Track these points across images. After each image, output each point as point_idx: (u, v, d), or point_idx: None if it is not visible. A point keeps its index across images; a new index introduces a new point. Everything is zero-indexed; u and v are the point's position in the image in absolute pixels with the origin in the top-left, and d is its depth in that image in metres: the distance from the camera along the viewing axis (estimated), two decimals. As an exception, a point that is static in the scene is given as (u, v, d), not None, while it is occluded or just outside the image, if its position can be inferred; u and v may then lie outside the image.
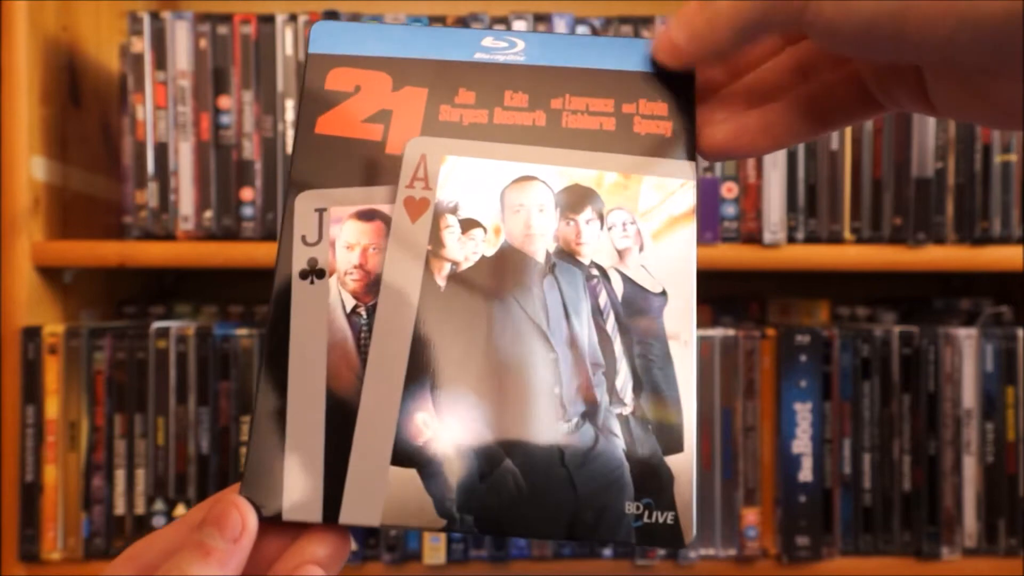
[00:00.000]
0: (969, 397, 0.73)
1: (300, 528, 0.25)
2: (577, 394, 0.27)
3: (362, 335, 0.27)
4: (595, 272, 0.29)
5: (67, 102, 0.78)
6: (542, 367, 0.27)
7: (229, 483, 0.71)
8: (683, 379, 0.27)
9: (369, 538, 0.71)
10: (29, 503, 0.70)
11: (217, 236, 0.75)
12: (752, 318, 0.92)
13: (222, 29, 0.74)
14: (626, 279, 0.29)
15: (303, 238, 0.28)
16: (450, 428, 0.26)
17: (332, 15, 0.74)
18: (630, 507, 0.26)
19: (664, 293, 0.29)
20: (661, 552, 0.71)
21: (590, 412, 0.27)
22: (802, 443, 0.72)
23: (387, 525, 0.25)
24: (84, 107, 0.82)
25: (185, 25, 0.74)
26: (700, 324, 0.84)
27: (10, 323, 0.70)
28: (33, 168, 0.72)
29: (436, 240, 0.28)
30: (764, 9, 0.24)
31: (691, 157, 0.29)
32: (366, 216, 0.28)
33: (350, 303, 0.27)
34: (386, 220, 0.28)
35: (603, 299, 0.28)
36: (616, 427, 0.27)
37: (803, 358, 0.72)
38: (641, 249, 0.29)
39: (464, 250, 0.28)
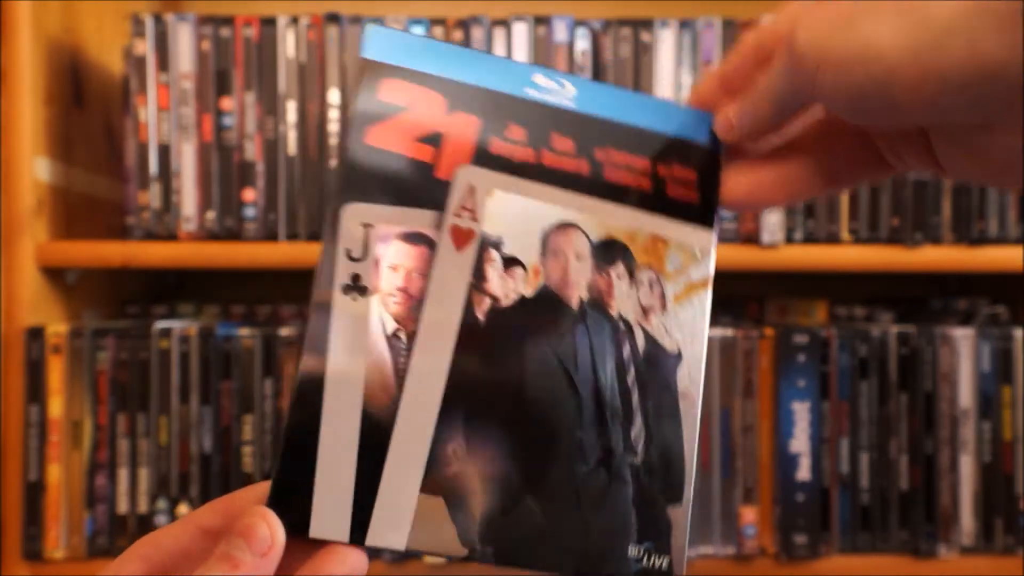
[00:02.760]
0: (966, 397, 0.73)
1: (319, 543, 0.25)
2: (596, 440, 0.29)
3: (400, 359, 0.27)
4: (622, 326, 0.30)
5: (70, 104, 0.79)
6: (567, 411, 0.28)
7: (231, 481, 0.71)
8: (688, 435, 0.29)
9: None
10: (32, 502, 0.70)
11: (219, 236, 0.75)
12: (750, 318, 0.92)
13: (224, 31, 0.75)
14: (648, 336, 0.30)
15: (348, 252, 0.27)
16: (478, 460, 0.27)
17: (333, 17, 0.74)
18: (633, 550, 0.28)
19: (680, 354, 0.31)
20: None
21: (606, 458, 0.29)
22: (800, 442, 0.72)
23: (412, 549, 0.26)
24: (87, 108, 0.82)
25: (188, 27, 0.75)
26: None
27: (14, 323, 0.71)
28: (37, 169, 0.72)
29: (479, 273, 0.28)
30: (789, 85, 0.26)
31: (712, 227, 0.31)
32: (412, 239, 0.28)
33: (391, 325, 0.27)
34: (431, 246, 0.28)
35: (626, 352, 0.30)
36: (627, 475, 0.29)
37: (801, 358, 0.72)
38: (663, 309, 0.31)
39: (505, 287, 0.29)
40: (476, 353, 0.28)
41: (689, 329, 0.31)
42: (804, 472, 0.72)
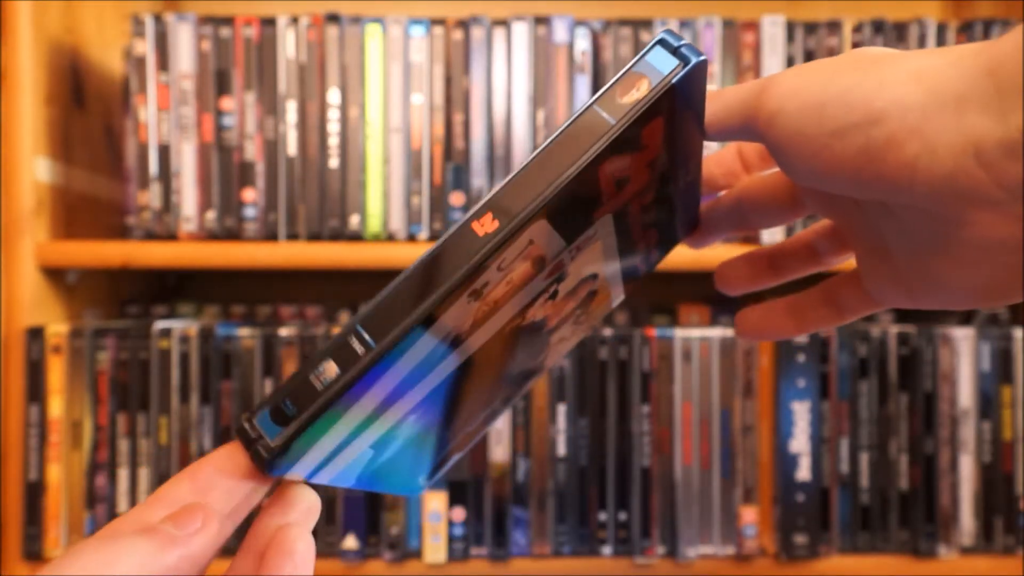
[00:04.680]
0: (966, 397, 0.73)
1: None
2: (477, 419, 0.34)
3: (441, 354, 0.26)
4: (545, 345, 0.33)
5: (71, 104, 0.79)
6: (483, 401, 0.32)
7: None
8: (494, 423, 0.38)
9: (370, 536, 0.72)
10: (33, 502, 0.70)
11: (219, 236, 0.75)
12: (751, 318, 0.92)
13: (224, 31, 0.75)
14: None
15: (501, 262, 0.23)
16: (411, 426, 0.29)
17: (333, 17, 0.74)
18: (420, 477, 0.35)
19: (541, 369, 0.37)
20: (660, 551, 0.72)
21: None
22: (800, 442, 0.72)
23: (321, 484, 0.28)
24: (87, 109, 0.82)
25: (188, 27, 0.75)
26: (699, 324, 0.85)
27: (14, 323, 0.71)
28: (37, 169, 0.72)
29: (534, 300, 0.27)
30: (740, 102, 0.25)
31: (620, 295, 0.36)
32: (536, 262, 0.25)
33: (462, 330, 0.25)
34: (538, 271, 0.25)
35: (531, 365, 0.34)
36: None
37: (801, 358, 0.72)
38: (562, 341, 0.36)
39: (536, 313, 0.28)
40: (480, 355, 0.28)
41: (558, 354, 0.36)
42: (804, 472, 0.72)
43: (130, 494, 0.71)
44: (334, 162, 0.75)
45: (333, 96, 0.75)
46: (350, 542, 0.72)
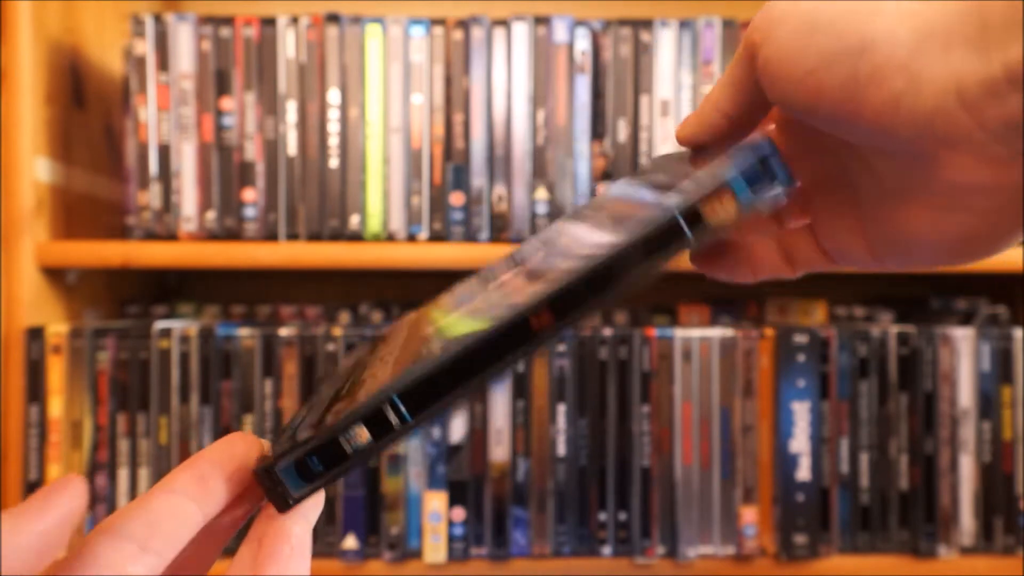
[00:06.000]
0: (966, 397, 0.73)
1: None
2: None
3: None
4: None
5: (70, 103, 0.79)
6: None
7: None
8: None
9: (370, 536, 0.72)
10: (33, 502, 0.70)
11: (219, 236, 0.75)
12: (750, 318, 0.93)
13: (224, 31, 0.75)
14: None
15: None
16: None
17: (333, 17, 0.74)
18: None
19: None
20: (660, 551, 0.72)
21: None
22: (800, 442, 0.72)
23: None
24: (87, 108, 0.82)
25: (188, 27, 0.75)
26: (699, 324, 0.85)
27: (14, 323, 0.71)
28: (37, 169, 0.72)
29: None
30: (739, 61, 0.25)
31: None
32: None
33: None
34: None
35: None
36: None
37: (801, 358, 0.72)
38: None
39: None
40: None
41: None
42: (804, 472, 0.72)
43: (130, 494, 0.71)
44: (334, 162, 0.75)
45: (333, 96, 0.75)
46: (350, 542, 0.72)
